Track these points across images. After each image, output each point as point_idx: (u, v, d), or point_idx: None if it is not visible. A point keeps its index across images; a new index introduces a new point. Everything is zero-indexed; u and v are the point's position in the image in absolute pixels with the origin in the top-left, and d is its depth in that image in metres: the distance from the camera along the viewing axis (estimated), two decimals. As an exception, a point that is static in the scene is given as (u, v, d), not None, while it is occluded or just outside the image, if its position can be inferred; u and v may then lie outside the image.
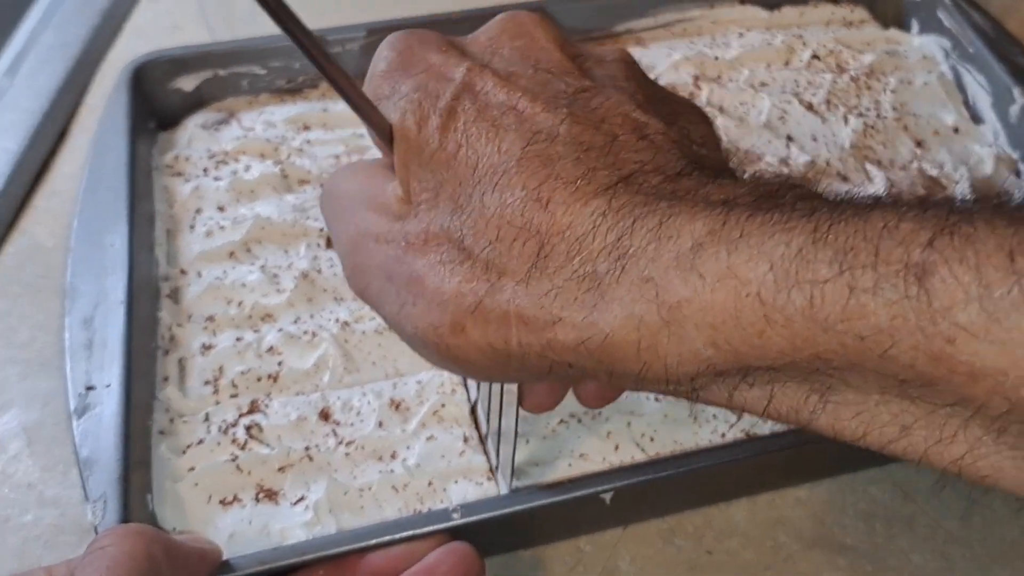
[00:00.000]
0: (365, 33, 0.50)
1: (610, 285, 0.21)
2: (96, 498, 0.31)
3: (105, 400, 0.34)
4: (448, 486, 0.35)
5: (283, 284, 0.41)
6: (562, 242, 0.22)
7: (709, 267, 0.20)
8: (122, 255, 0.39)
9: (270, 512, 0.34)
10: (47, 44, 0.54)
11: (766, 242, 0.19)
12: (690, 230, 0.20)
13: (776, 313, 0.19)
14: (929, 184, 0.46)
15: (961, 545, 0.35)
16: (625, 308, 0.21)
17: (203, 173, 0.46)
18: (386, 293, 0.25)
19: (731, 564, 0.35)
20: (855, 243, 0.18)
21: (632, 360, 0.21)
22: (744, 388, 0.21)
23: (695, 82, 0.51)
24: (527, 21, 0.27)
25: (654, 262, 0.21)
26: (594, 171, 0.22)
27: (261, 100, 0.50)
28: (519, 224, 0.22)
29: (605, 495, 0.32)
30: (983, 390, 0.17)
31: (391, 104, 0.26)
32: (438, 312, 0.23)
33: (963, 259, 0.17)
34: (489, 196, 0.23)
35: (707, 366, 0.21)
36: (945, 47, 0.53)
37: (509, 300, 0.22)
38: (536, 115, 0.24)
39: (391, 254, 0.24)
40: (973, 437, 0.19)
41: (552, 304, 0.22)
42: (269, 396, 0.37)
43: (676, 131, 0.24)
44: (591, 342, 0.21)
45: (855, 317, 0.18)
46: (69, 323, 0.37)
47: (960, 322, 0.17)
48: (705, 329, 0.20)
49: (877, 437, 0.20)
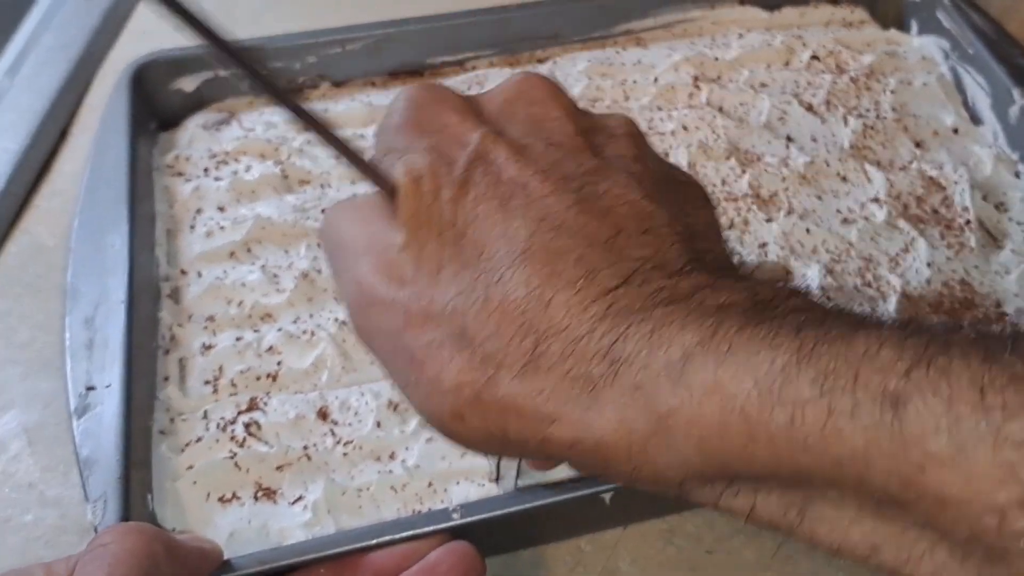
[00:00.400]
0: (366, 33, 0.50)
1: (603, 389, 0.22)
2: (96, 498, 0.31)
3: (105, 400, 0.34)
4: (449, 487, 0.35)
5: (283, 284, 0.41)
6: (557, 342, 0.22)
7: (697, 379, 0.21)
8: (123, 255, 0.39)
9: (269, 511, 0.34)
10: (48, 44, 0.54)
11: (752, 358, 0.20)
12: (680, 340, 0.21)
13: (759, 429, 0.20)
14: (928, 185, 0.46)
15: (960, 545, 0.36)
16: (617, 412, 0.22)
17: (204, 173, 0.46)
18: (392, 363, 0.26)
19: (731, 564, 0.35)
20: (837, 366, 0.19)
21: (623, 462, 0.22)
22: (729, 496, 0.22)
23: (695, 82, 0.51)
24: (542, 88, 0.28)
25: (645, 369, 0.21)
26: (596, 272, 0.23)
27: (262, 100, 0.50)
28: (519, 321, 0.23)
29: (605, 495, 0.32)
30: (949, 517, 0.18)
31: (401, 161, 0.26)
32: (438, 399, 0.24)
33: (936, 391, 0.18)
34: (493, 288, 0.23)
35: (695, 472, 0.21)
36: (945, 48, 0.53)
37: (505, 395, 0.23)
38: (545, 197, 0.24)
39: (393, 325, 0.25)
40: (939, 560, 0.20)
41: (547, 403, 0.22)
42: (268, 394, 0.37)
43: (680, 223, 0.25)
44: (585, 443, 0.22)
45: (832, 440, 0.19)
46: (70, 323, 0.37)
47: (930, 450, 0.18)
48: (692, 439, 0.21)
49: (850, 552, 0.21)
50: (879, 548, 0.21)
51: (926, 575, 0.20)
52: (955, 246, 0.43)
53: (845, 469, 0.19)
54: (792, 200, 0.45)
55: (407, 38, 0.51)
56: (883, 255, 0.42)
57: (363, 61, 0.51)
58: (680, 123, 0.49)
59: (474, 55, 0.53)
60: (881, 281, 0.41)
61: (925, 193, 0.46)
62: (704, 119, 0.49)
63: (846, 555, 0.21)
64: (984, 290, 0.41)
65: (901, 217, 0.44)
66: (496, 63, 0.53)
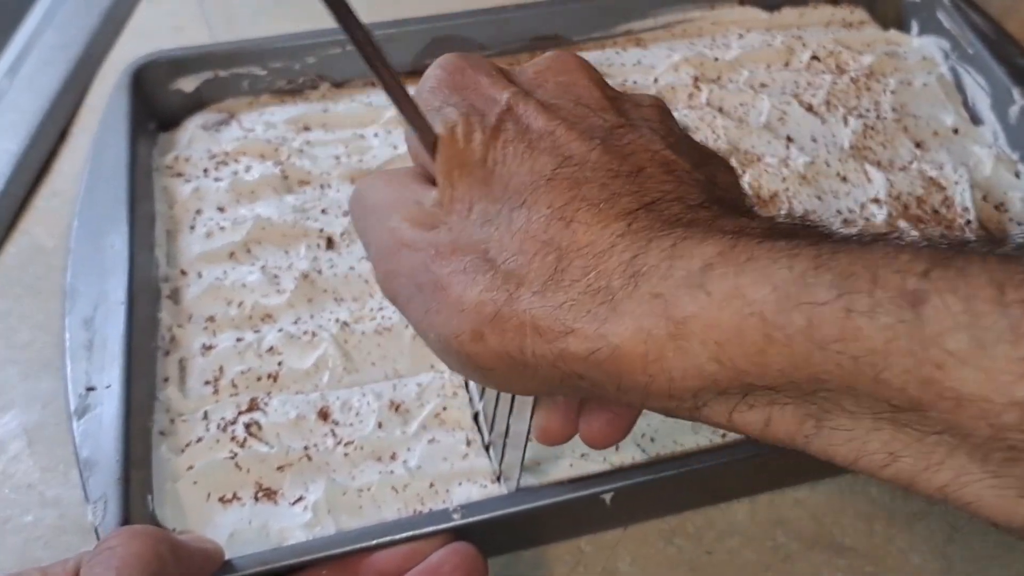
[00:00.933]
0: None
1: (622, 300, 0.22)
2: (96, 499, 0.31)
3: (105, 401, 0.34)
4: (451, 487, 0.35)
5: (283, 285, 0.41)
6: (580, 258, 0.23)
7: (716, 286, 0.21)
8: (122, 256, 0.39)
9: (269, 512, 0.34)
10: (48, 45, 0.54)
11: (771, 265, 0.20)
12: (701, 252, 0.21)
13: (777, 332, 0.20)
14: (928, 185, 0.46)
15: (961, 545, 0.36)
16: (635, 321, 0.22)
17: (203, 174, 0.46)
18: (414, 300, 0.26)
19: (731, 564, 0.35)
20: (855, 269, 0.19)
21: (639, 372, 0.22)
22: (743, 408, 0.22)
23: (695, 83, 0.51)
24: (572, 61, 0.29)
25: (665, 280, 0.22)
26: (618, 196, 0.24)
27: (261, 101, 0.50)
28: (542, 239, 0.23)
29: (605, 496, 0.32)
30: (968, 416, 0.18)
31: (438, 116, 0.27)
32: (459, 319, 0.24)
33: (955, 289, 0.18)
34: (517, 212, 0.24)
35: (710, 382, 0.21)
36: (945, 48, 0.53)
37: (525, 310, 0.23)
38: (570, 142, 0.25)
39: (420, 261, 0.25)
40: (958, 465, 0.20)
41: (566, 315, 0.23)
42: (269, 395, 0.37)
43: (702, 172, 0.26)
44: (600, 353, 0.22)
45: (850, 338, 0.19)
46: (69, 324, 0.37)
47: (949, 348, 0.18)
48: (709, 345, 0.21)
49: (867, 463, 0.21)
50: (897, 456, 0.20)
51: (945, 481, 0.20)
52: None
53: (862, 369, 0.19)
54: (792, 200, 0.45)
55: (407, 38, 0.51)
56: (883, 255, 0.42)
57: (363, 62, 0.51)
58: (680, 123, 0.48)
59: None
60: (881, 281, 0.41)
61: (925, 193, 0.46)
62: (704, 119, 0.49)
63: (863, 467, 0.21)
64: (984, 290, 0.41)
65: (901, 217, 0.44)
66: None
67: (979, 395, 0.18)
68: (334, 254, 0.43)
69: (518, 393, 0.29)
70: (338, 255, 0.43)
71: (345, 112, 0.49)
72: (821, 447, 0.22)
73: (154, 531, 0.28)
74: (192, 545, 0.29)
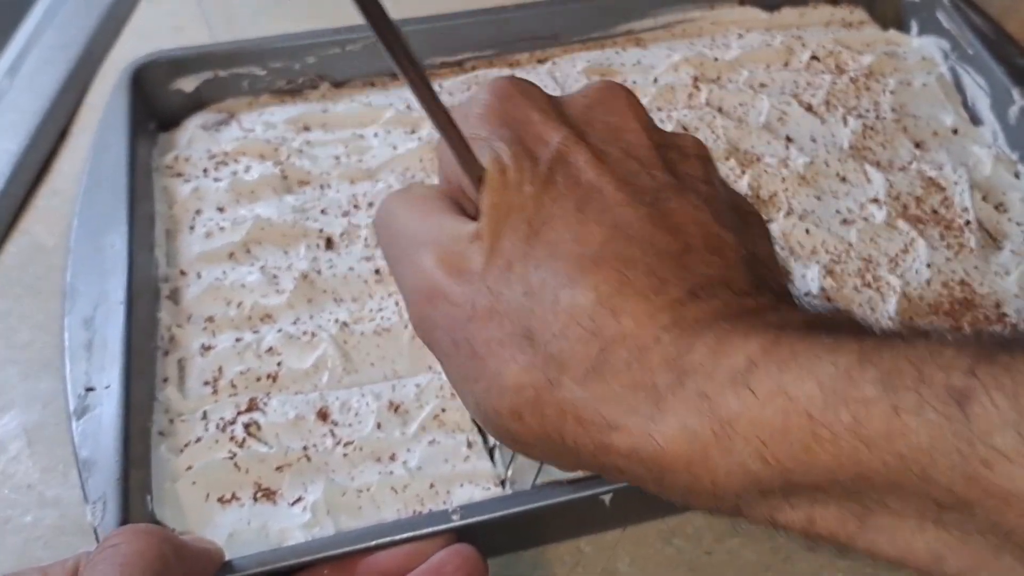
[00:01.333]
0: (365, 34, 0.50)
1: (667, 398, 0.22)
2: (96, 499, 0.31)
3: (105, 401, 0.34)
4: (452, 489, 0.35)
5: (283, 285, 0.41)
6: (624, 350, 0.23)
7: (761, 385, 0.21)
8: (122, 256, 0.39)
9: (268, 512, 0.34)
10: (48, 44, 0.54)
11: (815, 362, 0.20)
12: (744, 349, 0.21)
13: (823, 429, 0.20)
14: (928, 185, 0.46)
15: (960, 546, 0.36)
16: (679, 421, 0.22)
17: (203, 174, 0.46)
18: (452, 357, 0.25)
19: (730, 565, 0.35)
20: (900, 366, 0.19)
21: (682, 472, 0.22)
22: (786, 509, 0.22)
23: (694, 83, 0.51)
24: (622, 99, 0.28)
25: (711, 379, 0.21)
26: (665, 283, 0.23)
27: (261, 101, 0.50)
28: (587, 326, 0.23)
29: (605, 496, 0.32)
30: (1015, 514, 0.18)
31: (486, 148, 0.26)
32: (497, 397, 0.24)
33: (1001, 386, 0.18)
34: (563, 292, 0.23)
35: (753, 481, 0.21)
36: (944, 48, 0.53)
37: (566, 399, 0.23)
38: (620, 206, 0.25)
39: (457, 319, 0.25)
40: (1006, 566, 0.20)
41: (609, 410, 0.22)
42: (268, 395, 0.37)
43: (745, 249, 0.25)
44: (644, 451, 0.22)
45: (897, 435, 0.19)
46: (69, 324, 0.37)
47: (997, 446, 0.18)
48: (754, 442, 0.21)
49: (914, 562, 0.21)
50: (943, 558, 0.20)
51: None
52: (955, 247, 0.43)
53: (909, 466, 0.19)
54: (791, 201, 0.45)
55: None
56: (883, 256, 0.42)
57: (363, 62, 0.51)
58: (680, 123, 0.49)
59: (473, 56, 0.53)
60: (881, 282, 0.41)
61: (925, 194, 0.46)
62: (704, 119, 0.49)
63: (909, 566, 0.21)
64: (984, 291, 0.41)
65: (901, 218, 0.44)
66: (496, 64, 0.53)
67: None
68: (333, 254, 0.43)
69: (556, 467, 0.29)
70: (338, 255, 0.43)
71: (345, 112, 0.49)
72: (865, 546, 0.22)
73: (157, 530, 0.28)
74: (194, 545, 0.29)
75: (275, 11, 0.59)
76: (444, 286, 0.25)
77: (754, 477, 0.21)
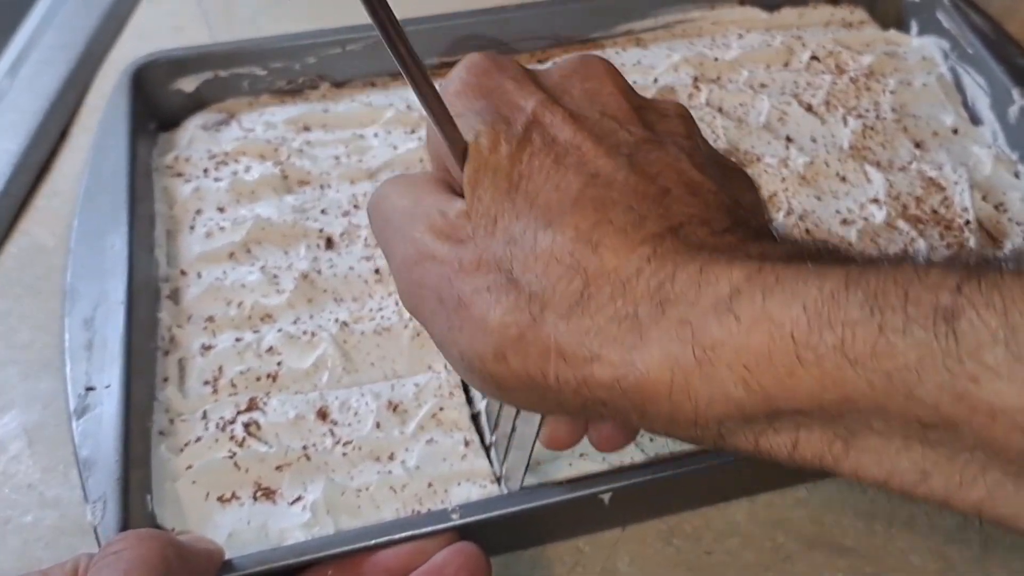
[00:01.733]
0: (366, 34, 0.50)
1: (649, 327, 0.22)
2: (96, 498, 0.31)
3: (105, 401, 0.34)
4: (450, 488, 0.35)
5: (283, 285, 0.41)
6: (607, 284, 0.23)
7: (745, 310, 0.21)
8: (122, 256, 0.39)
9: (268, 511, 0.34)
10: (48, 44, 0.55)
11: (800, 286, 0.20)
12: (728, 277, 0.21)
13: (808, 352, 0.20)
14: (928, 185, 0.46)
15: (960, 545, 0.36)
16: (662, 349, 0.22)
17: (203, 174, 0.46)
18: (437, 314, 0.26)
19: (730, 564, 0.35)
20: (886, 287, 0.19)
21: (664, 400, 0.22)
22: (770, 434, 0.22)
23: (694, 83, 0.51)
24: (598, 66, 0.28)
25: (693, 306, 0.22)
26: (644, 219, 0.23)
27: (261, 101, 0.50)
28: (567, 262, 0.23)
29: (604, 496, 0.32)
30: (1002, 429, 0.18)
31: (462, 122, 0.27)
32: (482, 340, 0.24)
33: (990, 304, 0.18)
34: (542, 233, 0.24)
35: (736, 408, 0.21)
36: (944, 48, 0.53)
37: (550, 334, 0.23)
38: (597, 158, 0.25)
39: (444, 274, 0.25)
40: (992, 481, 0.20)
41: (591, 342, 0.23)
42: (268, 395, 0.37)
43: (727, 195, 0.25)
44: (626, 380, 0.22)
45: (884, 355, 0.19)
46: (69, 324, 0.37)
47: (986, 362, 0.18)
48: (738, 369, 0.21)
49: (899, 482, 0.21)
50: (928, 474, 0.20)
51: (979, 498, 0.20)
52: (955, 246, 0.43)
53: (895, 386, 0.19)
54: (791, 200, 0.45)
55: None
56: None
57: (363, 62, 0.51)
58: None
59: (474, 55, 0.53)
60: (881, 281, 0.41)
61: (924, 193, 0.46)
62: (704, 119, 0.49)
63: (894, 486, 0.21)
64: (984, 290, 0.41)
65: (900, 218, 0.44)
66: (496, 63, 0.53)
67: (1014, 407, 0.18)
68: (334, 254, 0.43)
69: (537, 412, 0.29)
70: (338, 255, 0.43)
71: (345, 112, 0.49)
72: (851, 468, 0.22)
73: (160, 535, 0.28)
74: (196, 547, 0.29)
75: (275, 11, 0.59)
76: (432, 248, 0.26)
77: (737, 403, 0.21)
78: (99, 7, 0.57)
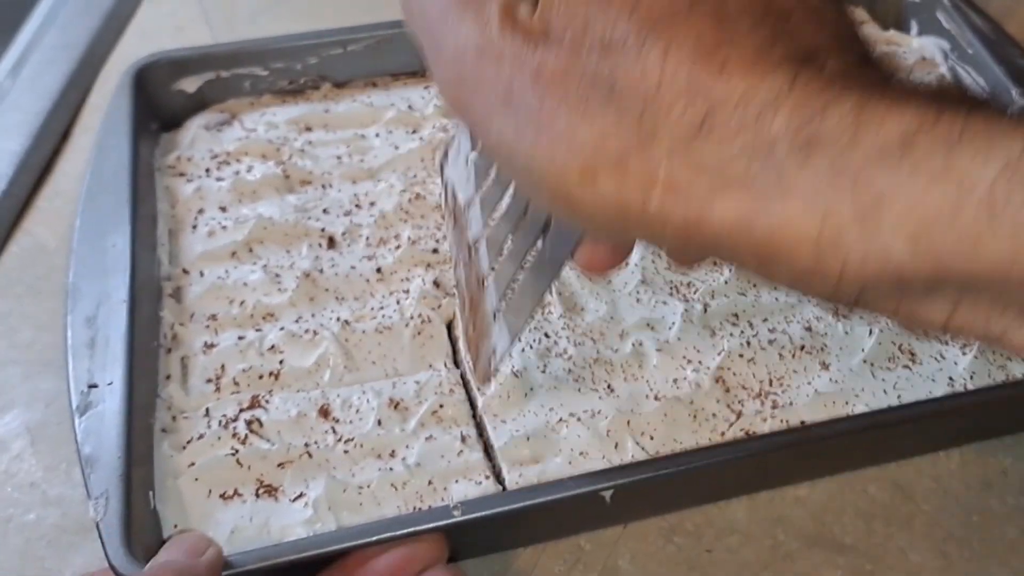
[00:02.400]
0: (367, 34, 0.50)
1: (791, 170, 0.19)
2: (98, 495, 0.31)
3: (107, 398, 0.34)
4: (449, 485, 0.35)
5: (285, 284, 0.41)
6: (735, 113, 0.19)
7: (923, 163, 0.18)
8: (124, 255, 0.39)
9: (270, 508, 0.34)
10: (50, 45, 0.55)
11: (993, 140, 0.18)
12: (898, 120, 0.18)
13: (1005, 218, 0.17)
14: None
15: (960, 544, 0.36)
16: (807, 197, 0.19)
17: (205, 174, 0.46)
18: (497, 116, 0.22)
19: (730, 562, 0.35)
20: None
21: (804, 255, 0.19)
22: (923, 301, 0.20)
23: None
24: None
25: (852, 151, 0.19)
26: (775, 39, 0.20)
27: (263, 101, 0.50)
28: (684, 83, 0.20)
29: (605, 493, 0.32)
30: None
31: None
32: (567, 154, 0.21)
33: None
34: (651, 43, 0.20)
35: (894, 271, 0.19)
36: (944, 48, 0.53)
37: (660, 162, 0.20)
38: None
39: (517, 78, 0.21)
40: None
41: (714, 180, 0.19)
42: (270, 393, 0.37)
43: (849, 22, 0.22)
44: (757, 227, 0.19)
45: None
46: (71, 322, 0.37)
47: None
48: (907, 228, 0.18)
49: None
50: None
51: None
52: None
53: None
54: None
55: (408, 39, 0.51)
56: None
57: (364, 62, 0.51)
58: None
59: (475, 56, 0.53)
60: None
61: None
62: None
63: None
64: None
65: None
66: (497, 64, 0.53)
67: None
68: (335, 253, 0.43)
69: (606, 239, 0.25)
70: (339, 255, 0.43)
71: (346, 112, 0.49)
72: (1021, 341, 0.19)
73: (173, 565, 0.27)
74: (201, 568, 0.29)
75: (276, 11, 0.59)
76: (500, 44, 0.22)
77: (897, 265, 0.19)
78: (101, 7, 0.57)
